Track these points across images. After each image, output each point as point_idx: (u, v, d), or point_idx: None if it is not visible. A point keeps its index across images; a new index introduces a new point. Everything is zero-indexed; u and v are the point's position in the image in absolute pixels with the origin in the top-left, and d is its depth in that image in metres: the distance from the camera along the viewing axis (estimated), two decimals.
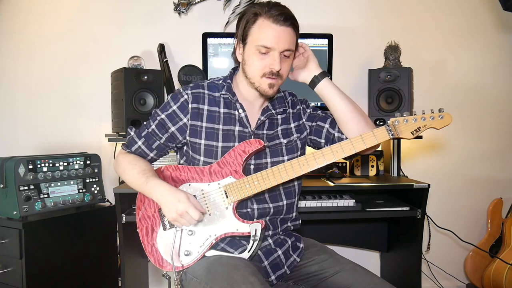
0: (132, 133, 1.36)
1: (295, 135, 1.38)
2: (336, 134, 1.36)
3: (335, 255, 1.32)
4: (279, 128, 1.37)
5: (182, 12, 2.28)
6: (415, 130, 1.25)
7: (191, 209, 1.18)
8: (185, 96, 1.30)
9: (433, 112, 1.25)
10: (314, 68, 1.35)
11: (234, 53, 1.34)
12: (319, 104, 2.10)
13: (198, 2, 2.28)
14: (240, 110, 1.31)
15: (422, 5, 2.41)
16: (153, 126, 1.32)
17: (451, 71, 2.45)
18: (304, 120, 1.41)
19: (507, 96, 2.48)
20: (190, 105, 1.29)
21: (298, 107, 1.43)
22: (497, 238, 2.37)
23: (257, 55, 1.23)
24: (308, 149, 1.43)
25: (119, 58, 2.12)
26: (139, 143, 1.34)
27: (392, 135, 1.25)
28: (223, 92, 1.31)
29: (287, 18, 1.22)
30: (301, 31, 1.28)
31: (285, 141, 1.36)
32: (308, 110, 1.43)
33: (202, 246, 1.25)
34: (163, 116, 1.31)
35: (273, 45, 1.21)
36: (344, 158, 1.30)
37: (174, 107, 1.30)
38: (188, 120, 1.29)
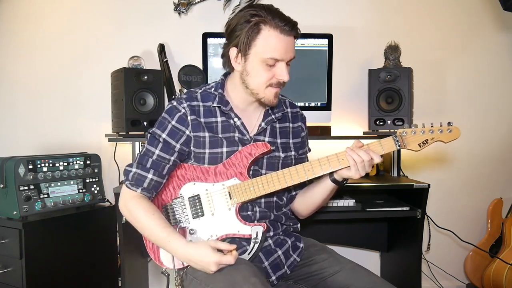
0: (134, 170, 1.25)
1: (293, 153, 1.39)
2: (293, 192, 1.43)
3: (335, 255, 1.33)
4: (279, 140, 1.36)
5: (182, 12, 2.28)
6: (422, 143, 1.25)
7: (223, 258, 1.13)
8: (182, 110, 1.27)
9: (441, 125, 1.25)
10: (353, 176, 1.26)
11: (228, 61, 1.28)
12: (319, 104, 2.10)
13: (198, 2, 2.28)
14: (236, 119, 1.30)
15: (422, 5, 2.41)
16: (157, 151, 1.26)
17: (451, 71, 2.45)
18: (299, 140, 1.42)
19: (507, 96, 2.48)
20: (189, 117, 1.26)
21: (299, 123, 1.43)
22: (497, 238, 2.37)
23: (263, 67, 1.21)
24: (313, 155, 1.43)
25: (119, 58, 2.12)
26: (150, 176, 1.24)
27: (399, 146, 1.26)
28: (215, 105, 1.29)
29: (293, 26, 1.20)
30: (301, 31, 1.27)
31: (283, 155, 1.35)
32: (303, 134, 1.44)
33: None
34: (164, 136, 1.26)
35: (282, 56, 1.20)
36: None
37: (173, 122, 1.26)
38: (190, 132, 1.27)
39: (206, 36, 2.04)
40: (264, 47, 1.19)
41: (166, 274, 1.30)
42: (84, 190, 1.83)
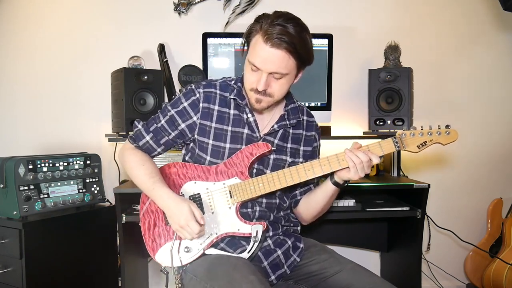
0: (140, 127, 1.36)
1: (301, 159, 1.39)
2: (298, 197, 1.42)
3: (335, 255, 1.33)
4: (289, 145, 1.37)
5: (182, 12, 2.28)
6: (421, 144, 1.27)
7: (191, 222, 1.19)
8: (197, 95, 1.31)
9: (439, 128, 1.27)
10: (353, 177, 1.26)
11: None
12: (319, 104, 2.10)
13: (198, 2, 2.28)
14: (249, 115, 1.31)
15: (422, 5, 2.41)
16: (163, 122, 1.33)
17: (451, 71, 2.45)
18: (310, 149, 1.42)
19: (507, 96, 2.48)
20: (201, 104, 1.30)
21: (312, 133, 1.43)
22: (497, 238, 2.37)
23: (249, 68, 1.23)
24: None
25: (119, 58, 2.12)
26: (147, 138, 1.34)
27: (398, 147, 1.27)
28: (232, 96, 1.31)
29: (282, 41, 1.14)
30: None
31: (290, 160, 1.36)
32: (315, 144, 1.43)
33: (202, 244, 1.26)
34: (173, 112, 1.32)
35: (260, 65, 1.18)
36: None
37: (185, 104, 1.31)
38: (198, 118, 1.30)
39: (206, 36, 2.04)
40: (251, 50, 1.21)
41: (165, 272, 1.31)
42: (84, 190, 1.83)
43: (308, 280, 1.30)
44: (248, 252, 1.24)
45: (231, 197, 1.27)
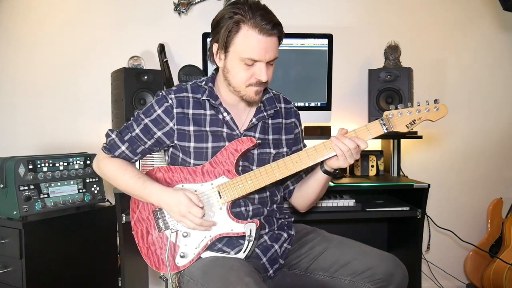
0: (114, 136, 1.31)
1: (285, 149, 1.37)
2: (291, 187, 1.42)
3: (324, 233, 1.35)
4: (271, 136, 1.35)
5: (182, 12, 2.28)
6: (410, 123, 1.21)
7: (193, 208, 1.18)
8: (170, 101, 1.27)
9: (428, 104, 1.21)
10: (342, 165, 1.24)
11: (211, 56, 1.28)
12: (319, 104, 2.10)
13: (198, 2, 2.28)
14: (225, 114, 1.29)
15: (422, 5, 2.41)
16: (137, 131, 1.29)
17: (451, 71, 2.45)
18: (292, 136, 1.40)
19: (507, 95, 2.48)
20: (175, 110, 1.27)
21: (292, 120, 1.41)
22: (497, 238, 2.37)
23: (242, 66, 1.19)
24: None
25: (119, 58, 2.12)
26: (123, 148, 1.30)
27: (386, 129, 1.22)
28: (204, 98, 1.29)
29: (274, 26, 1.15)
30: (301, 31, 1.26)
31: (274, 151, 1.34)
32: (297, 131, 1.42)
33: (197, 248, 1.24)
34: (147, 121, 1.28)
35: (260, 57, 1.17)
36: None
37: (159, 111, 1.28)
38: (174, 124, 1.28)
39: (206, 36, 2.04)
40: (242, 46, 1.17)
41: (164, 279, 1.29)
42: (84, 190, 1.83)
43: (300, 264, 1.30)
44: (244, 252, 1.22)
45: (220, 197, 1.25)
